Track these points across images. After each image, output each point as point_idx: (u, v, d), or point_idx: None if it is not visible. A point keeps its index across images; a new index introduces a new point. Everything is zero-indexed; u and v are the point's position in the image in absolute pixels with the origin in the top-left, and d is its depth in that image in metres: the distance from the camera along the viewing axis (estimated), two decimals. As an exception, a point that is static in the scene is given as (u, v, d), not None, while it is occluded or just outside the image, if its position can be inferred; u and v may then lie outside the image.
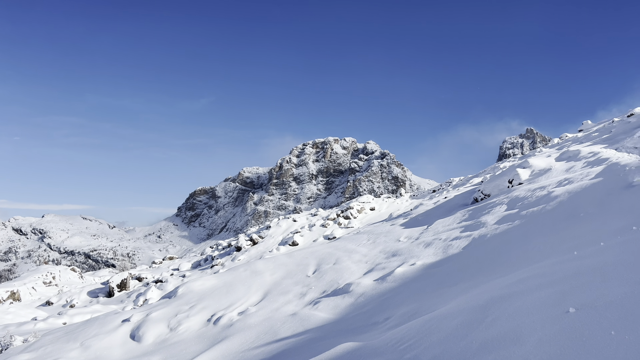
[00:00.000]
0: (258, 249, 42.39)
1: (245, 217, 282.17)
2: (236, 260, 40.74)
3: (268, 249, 41.61)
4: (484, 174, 52.21)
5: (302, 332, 13.85)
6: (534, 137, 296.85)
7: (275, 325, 15.63)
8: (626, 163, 16.89)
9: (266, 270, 24.20)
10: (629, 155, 19.07)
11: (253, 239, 45.81)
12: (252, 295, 21.20)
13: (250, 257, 40.50)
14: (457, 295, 10.06)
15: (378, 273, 18.41)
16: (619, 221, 10.26)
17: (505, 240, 14.95)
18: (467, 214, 23.21)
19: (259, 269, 24.61)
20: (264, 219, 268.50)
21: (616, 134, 31.93)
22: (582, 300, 5.43)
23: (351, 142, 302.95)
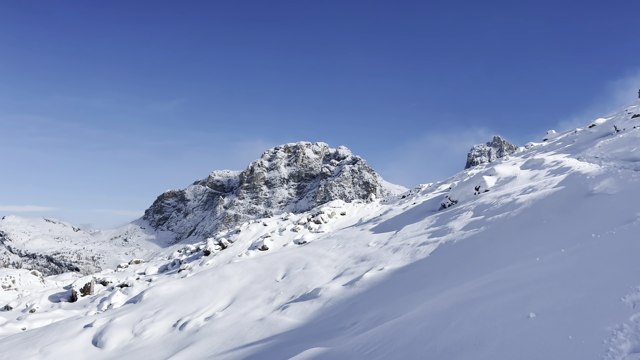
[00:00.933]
0: (227, 253, 41.96)
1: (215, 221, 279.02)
2: (204, 265, 40.21)
3: (237, 253, 41.22)
4: (452, 180, 53.11)
5: (270, 337, 13.76)
6: (501, 145, 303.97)
7: (243, 330, 15.48)
8: (587, 172, 17.43)
9: (234, 274, 23.97)
10: (589, 165, 19.70)
11: (222, 243, 45.32)
12: (220, 300, 20.95)
13: (219, 261, 40.04)
14: (424, 300, 10.17)
15: (347, 278, 18.46)
16: (579, 228, 10.57)
17: (471, 246, 15.21)
18: (435, 219, 23.54)
19: (227, 273, 24.36)
20: (234, 222, 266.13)
21: (579, 144, 32.98)
22: (542, 305, 5.57)
23: (323, 146, 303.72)
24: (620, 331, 4.36)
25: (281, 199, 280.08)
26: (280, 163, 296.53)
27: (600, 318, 4.70)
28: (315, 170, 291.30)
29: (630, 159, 17.53)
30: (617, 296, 5.12)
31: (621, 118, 32.82)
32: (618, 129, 29.62)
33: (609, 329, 4.45)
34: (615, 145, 22.20)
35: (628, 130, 27.02)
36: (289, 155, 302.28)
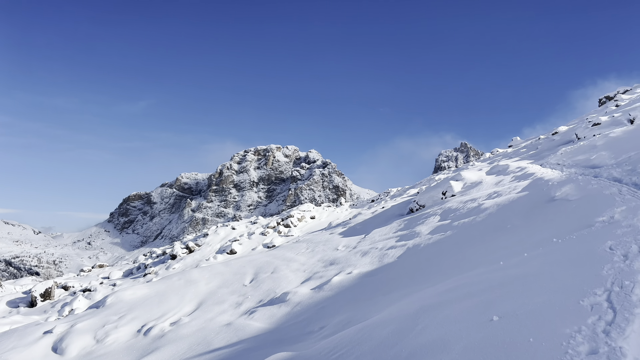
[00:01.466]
0: (194, 258, 41.32)
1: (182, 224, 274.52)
2: (171, 269, 39.49)
3: (205, 257, 40.63)
4: (420, 185, 53.82)
5: (237, 342, 13.60)
6: (468, 151, 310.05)
7: (209, 335, 15.25)
8: (549, 178, 17.95)
9: (201, 279, 23.62)
10: (552, 171, 20.29)
11: (189, 247, 44.63)
12: (186, 305, 20.60)
13: (185, 265, 39.38)
14: (391, 304, 10.24)
15: (315, 282, 18.44)
16: (542, 233, 10.85)
17: (438, 250, 15.42)
18: (403, 223, 23.79)
19: (194, 277, 23.99)
20: (202, 226, 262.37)
21: (542, 151, 33.95)
22: (505, 308, 5.68)
23: (293, 150, 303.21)
24: (578, 333, 4.48)
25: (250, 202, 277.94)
26: (250, 166, 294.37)
27: (560, 321, 4.82)
28: (285, 173, 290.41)
29: (590, 166, 18.14)
30: (576, 299, 5.26)
31: (582, 126, 33.97)
32: (579, 136, 30.64)
33: (568, 331, 4.57)
34: (576, 152, 22.95)
35: (588, 138, 27.97)
36: (259, 158, 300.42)
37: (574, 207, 11.93)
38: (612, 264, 6.18)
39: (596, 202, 11.34)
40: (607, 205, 10.36)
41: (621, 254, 6.52)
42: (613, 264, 6.15)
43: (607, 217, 9.41)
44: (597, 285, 5.52)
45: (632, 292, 5.17)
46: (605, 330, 4.48)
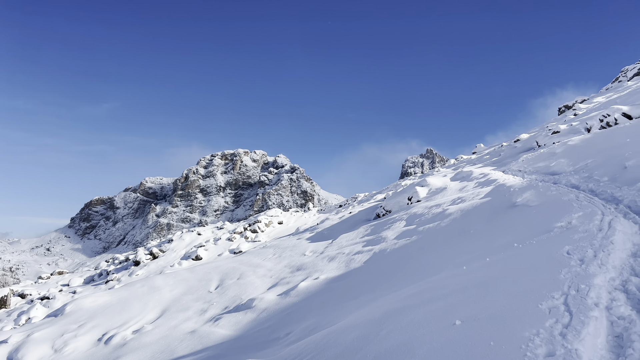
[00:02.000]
0: (158, 264, 40.51)
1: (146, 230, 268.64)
2: (134, 276, 38.59)
3: (169, 263, 39.89)
4: (387, 190, 54.39)
5: (201, 350, 13.38)
6: (434, 157, 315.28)
7: (173, 343, 14.95)
8: (511, 185, 18.43)
9: (165, 285, 23.16)
10: (514, 177, 20.85)
11: (153, 253, 43.73)
12: (149, 313, 20.14)
13: (149, 272, 38.56)
14: (357, 309, 10.27)
15: (282, 288, 18.35)
16: (503, 238, 11.11)
17: (404, 254, 15.59)
18: (370, 229, 23.96)
19: (158, 284, 23.49)
20: (167, 231, 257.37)
21: (504, 157, 34.85)
22: (468, 313, 5.77)
23: (261, 155, 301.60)
24: (537, 336, 4.60)
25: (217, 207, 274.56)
26: (217, 170, 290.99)
27: (520, 324, 4.94)
28: (253, 178, 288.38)
29: (549, 173, 18.73)
30: (535, 303, 5.40)
31: (542, 134, 35.07)
32: (540, 144, 31.61)
33: (527, 334, 4.68)
34: (537, 159, 23.66)
35: (548, 145, 28.90)
36: (226, 162, 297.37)
37: (534, 213, 12.27)
38: (569, 268, 6.38)
39: (555, 208, 11.70)
40: (565, 211, 10.70)
41: (578, 259, 6.73)
42: (570, 268, 6.34)
43: (565, 222, 9.71)
44: (555, 289, 5.68)
45: (587, 295, 5.34)
46: (562, 333, 4.61)
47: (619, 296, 5.43)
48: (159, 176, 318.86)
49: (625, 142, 17.00)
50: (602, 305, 5.14)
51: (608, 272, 6.06)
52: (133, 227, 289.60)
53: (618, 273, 6.13)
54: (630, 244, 7.36)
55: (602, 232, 8.04)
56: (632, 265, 6.39)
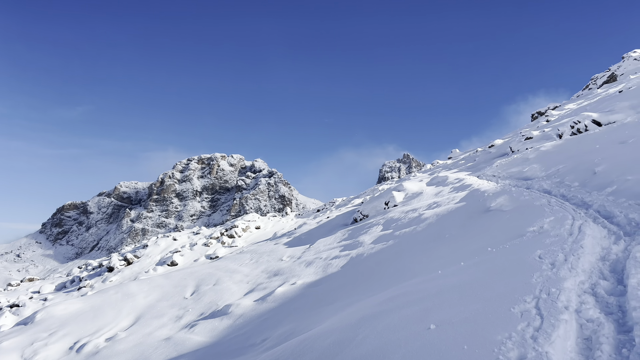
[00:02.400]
0: (133, 270, 39.83)
1: (121, 235, 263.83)
2: (107, 282, 37.85)
3: (144, 269, 39.26)
4: (364, 195, 54.67)
5: (176, 357, 13.19)
6: (410, 162, 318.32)
7: (147, 351, 14.70)
8: (485, 190, 18.72)
9: (140, 292, 22.78)
10: (488, 183, 21.19)
11: (128, 259, 42.99)
12: (123, 320, 19.78)
13: (123, 278, 37.88)
14: (333, 314, 10.27)
15: (259, 293, 18.23)
16: (478, 242, 11.27)
17: (380, 259, 15.67)
18: (347, 233, 24.04)
19: (132, 291, 23.09)
20: (142, 237, 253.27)
21: (479, 163, 35.41)
22: (442, 317, 5.83)
23: (239, 159, 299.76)
24: (509, 340, 4.67)
25: (193, 212, 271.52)
26: (193, 175, 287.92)
27: (492, 328, 5.01)
28: (230, 182, 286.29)
29: (523, 178, 19.10)
30: (508, 306, 5.49)
31: (516, 140, 35.75)
32: (513, 150, 32.22)
33: (500, 338, 4.76)
34: (511, 165, 24.11)
35: (521, 151, 29.47)
36: (202, 167, 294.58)
37: (508, 218, 12.49)
38: (540, 272, 6.50)
39: (528, 212, 11.93)
40: (538, 216, 10.91)
41: (549, 263, 6.87)
42: (542, 272, 6.47)
43: (537, 227, 9.91)
44: (526, 293, 5.78)
45: (558, 299, 5.46)
46: (534, 336, 4.69)
47: (588, 299, 5.56)
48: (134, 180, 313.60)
49: (595, 148, 17.47)
50: (572, 309, 5.26)
51: (578, 276, 6.20)
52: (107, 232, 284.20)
53: (587, 276, 6.28)
54: (599, 248, 7.55)
55: (572, 237, 8.23)
56: (600, 269, 6.56)
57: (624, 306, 5.24)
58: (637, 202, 9.45)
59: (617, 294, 5.65)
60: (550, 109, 66.63)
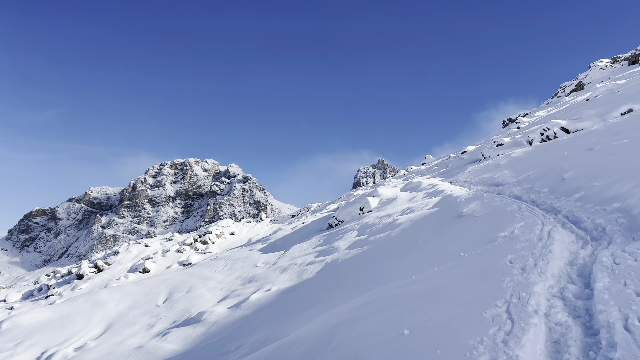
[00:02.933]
0: (103, 277, 38.97)
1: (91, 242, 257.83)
2: (77, 290, 36.94)
3: (115, 276, 38.45)
4: (339, 200, 54.82)
5: (148, 366, 12.93)
6: (385, 168, 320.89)
7: (118, 360, 14.39)
8: (458, 195, 19.00)
9: (111, 300, 22.29)
10: (460, 188, 21.52)
11: (98, 266, 42.05)
12: (93, 328, 19.31)
13: (93, 285, 37.02)
14: (308, 320, 10.25)
15: (233, 300, 18.05)
16: (450, 247, 11.42)
17: (355, 264, 15.72)
18: (322, 239, 24.04)
19: (103, 298, 22.58)
20: (113, 243, 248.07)
21: (452, 169, 35.94)
22: (416, 322, 5.89)
23: (213, 164, 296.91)
24: (480, 344, 4.74)
25: (166, 218, 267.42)
26: (166, 180, 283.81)
27: (465, 332, 5.08)
28: (204, 188, 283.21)
29: (494, 184, 19.46)
30: (480, 311, 5.58)
31: (488, 146, 36.42)
32: (485, 156, 32.81)
33: (472, 342, 4.82)
34: (482, 171, 24.53)
35: (493, 157, 30.04)
36: (176, 172, 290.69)
37: (480, 223, 12.70)
38: (511, 276, 6.63)
39: (499, 218, 12.15)
40: (509, 221, 11.13)
41: (519, 267, 7.01)
42: (512, 277, 6.59)
43: (508, 232, 10.10)
44: (498, 297, 5.88)
45: (528, 303, 5.57)
46: (504, 340, 4.77)
47: (556, 303, 5.69)
48: (105, 186, 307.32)
49: (564, 155, 17.93)
50: (541, 312, 5.38)
51: (547, 280, 6.35)
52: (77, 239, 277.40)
53: (556, 281, 6.43)
54: (568, 252, 7.74)
55: (542, 242, 8.42)
56: (569, 273, 6.72)
57: (591, 309, 5.38)
58: (603, 208, 9.73)
59: (585, 297, 5.80)
60: (520, 116, 68.14)
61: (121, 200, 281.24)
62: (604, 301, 5.23)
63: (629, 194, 9.49)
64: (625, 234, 7.91)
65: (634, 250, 6.28)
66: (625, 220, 8.51)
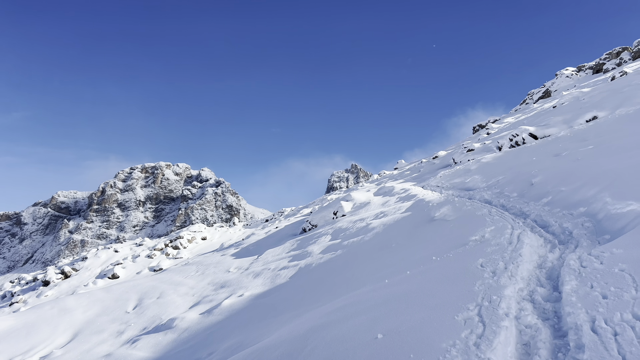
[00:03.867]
0: (71, 283, 37.94)
1: (58, 247, 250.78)
2: (42, 297, 35.85)
3: (83, 282, 37.48)
4: (313, 205, 54.82)
5: (116, 375, 12.62)
6: (358, 172, 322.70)
7: (85, 369, 14.00)
8: (430, 200, 19.24)
9: (78, 307, 21.71)
10: (432, 193, 21.80)
11: (65, 272, 40.92)
12: (60, 336, 18.76)
13: (60, 292, 36.00)
14: (282, 325, 10.18)
15: (205, 306, 17.81)
16: (423, 251, 11.53)
17: (329, 269, 15.71)
18: (296, 243, 23.97)
19: (70, 305, 21.97)
20: (81, 249, 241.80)
21: (424, 173, 36.39)
22: (389, 326, 5.91)
23: (184, 168, 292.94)
24: (453, 347, 4.79)
25: (136, 222, 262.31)
26: (137, 184, 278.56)
27: (437, 336, 5.12)
28: (175, 192, 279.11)
29: (465, 189, 19.77)
30: (452, 314, 5.63)
31: (458, 152, 37.04)
32: (456, 161, 33.34)
33: (444, 345, 4.87)
34: (454, 175, 24.91)
35: (464, 162, 30.54)
36: (146, 176, 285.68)
37: (451, 227, 12.86)
38: (482, 280, 6.73)
39: (470, 222, 12.34)
40: (479, 225, 11.31)
41: (490, 271, 7.12)
42: (483, 280, 6.69)
43: (479, 236, 10.26)
44: (469, 301, 5.96)
45: (499, 306, 5.66)
46: (476, 343, 4.83)
47: (526, 306, 5.80)
48: (73, 190, 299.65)
49: (532, 161, 18.36)
50: (511, 315, 5.47)
51: (517, 283, 6.46)
52: (42, 244, 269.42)
53: (526, 284, 6.56)
54: (537, 256, 7.91)
55: (512, 245, 8.58)
56: (538, 277, 6.87)
57: (559, 312, 5.50)
58: (570, 212, 9.99)
59: (553, 300, 5.93)
60: (490, 122, 69.54)
61: (90, 204, 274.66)
62: (571, 304, 5.35)
63: (594, 198, 9.77)
64: (591, 237, 8.14)
65: (600, 254, 6.46)
66: (591, 224, 8.76)
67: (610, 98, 26.78)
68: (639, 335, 4.25)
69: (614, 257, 6.06)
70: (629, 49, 69.05)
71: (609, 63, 69.34)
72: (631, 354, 4.05)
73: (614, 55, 70.84)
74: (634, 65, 46.30)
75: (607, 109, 24.77)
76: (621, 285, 5.22)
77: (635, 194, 8.67)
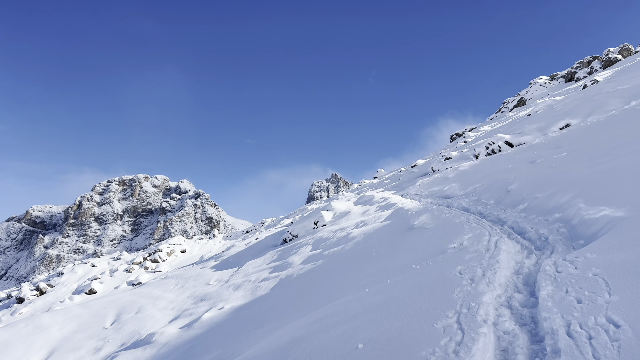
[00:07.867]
0: (46, 300, 37.01)
1: (33, 263, 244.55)
2: (17, 314, 34.87)
3: (59, 299, 36.60)
4: (294, 215, 54.70)
5: (94, 393, 12.32)
6: (339, 182, 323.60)
7: (61, 388, 13.63)
8: (409, 208, 19.38)
9: (54, 324, 21.17)
10: (411, 201, 21.96)
11: (40, 288, 39.92)
12: (34, 355, 18.25)
13: (35, 309, 35.08)
14: (263, 338, 10.09)
15: (185, 320, 17.56)
16: (403, 260, 11.58)
17: (310, 279, 15.66)
18: (277, 254, 23.85)
19: (45, 323, 21.41)
20: (57, 264, 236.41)
21: (403, 182, 36.67)
22: (370, 335, 5.91)
23: (163, 180, 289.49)
24: (432, 355, 4.81)
25: (114, 236, 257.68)
26: (114, 197, 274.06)
27: (417, 344, 5.15)
28: (154, 205, 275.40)
29: (443, 197, 19.98)
30: (431, 322, 5.67)
31: (436, 160, 37.44)
32: (434, 169, 33.70)
33: (424, 353, 4.89)
34: (432, 184, 25.16)
35: (442, 171, 30.89)
36: (124, 188, 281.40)
37: (430, 235, 12.97)
38: (461, 287, 6.79)
39: (448, 230, 12.46)
40: (457, 233, 11.43)
41: (469, 278, 7.20)
42: (462, 287, 6.75)
43: (457, 243, 10.37)
44: (448, 308, 6.00)
45: (477, 313, 5.71)
46: (455, 350, 4.87)
47: (504, 312, 5.87)
48: (49, 204, 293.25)
49: (508, 168, 18.67)
50: (490, 322, 5.52)
51: (495, 290, 6.54)
52: (17, 260, 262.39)
53: (504, 290, 6.64)
54: (514, 262, 8.02)
55: (489, 252, 8.68)
56: (515, 283, 6.96)
57: (536, 317, 5.58)
58: (545, 218, 10.17)
59: (530, 305, 6.01)
60: (467, 131, 70.59)
61: (66, 218, 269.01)
62: (547, 309, 5.43)
63: (568, 204, 9.97)
64: (566, 243, 8.29)
65: (574, 259, 6.58)
66: (566, 229, 8.93)
67: (582, 106, 27.47)
68: (612, 338, 4.33)
69: (587, 262, 6.18)
70: (599, 58, 71.06)
71: (580, 72, 71.20)
72: (605, 357, 4.12)
73: (585, 64, 72.82)
74: (604, 74, 47.63)
75: (580, 117, 25.38)
76: (595, 290, 5.33)
77: (608, 199, 8.88)
